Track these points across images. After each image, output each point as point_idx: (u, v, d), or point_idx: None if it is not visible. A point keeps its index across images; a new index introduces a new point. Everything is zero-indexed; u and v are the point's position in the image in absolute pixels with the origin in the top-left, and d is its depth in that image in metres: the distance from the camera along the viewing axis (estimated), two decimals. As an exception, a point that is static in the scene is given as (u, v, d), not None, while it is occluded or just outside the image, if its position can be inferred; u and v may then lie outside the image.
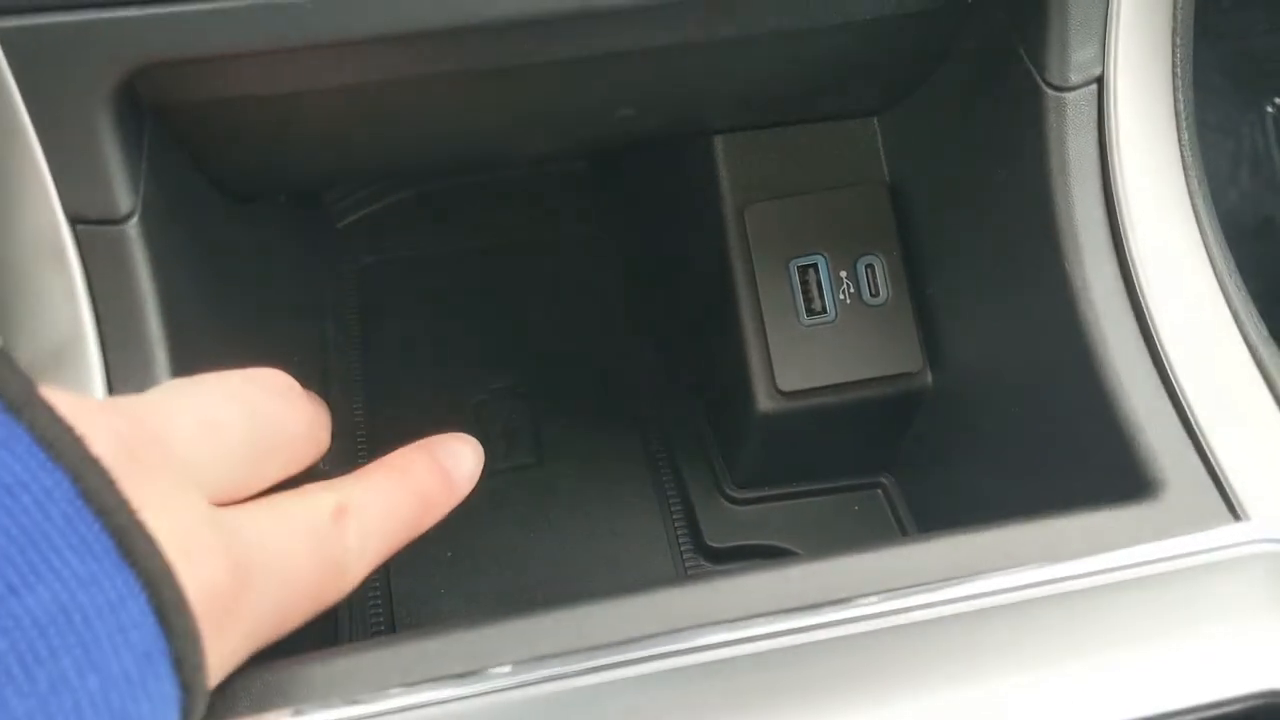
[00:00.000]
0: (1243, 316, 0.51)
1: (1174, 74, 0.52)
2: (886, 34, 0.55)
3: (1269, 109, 1.38)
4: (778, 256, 0.64)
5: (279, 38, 0.45)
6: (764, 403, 0.63)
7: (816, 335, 0.63)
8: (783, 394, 0.63)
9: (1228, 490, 0.47)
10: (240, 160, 0.55)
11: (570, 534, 0.69)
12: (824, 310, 0.64)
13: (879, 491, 0.70)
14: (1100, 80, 0.51)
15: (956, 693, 0.42)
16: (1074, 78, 0.51)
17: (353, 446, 0.72)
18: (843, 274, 0.64)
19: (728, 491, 0.70)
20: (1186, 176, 0.52)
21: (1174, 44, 0.52)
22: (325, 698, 0.38)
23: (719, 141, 0.65)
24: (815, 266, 0.64)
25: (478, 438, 0.48)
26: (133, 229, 0.46)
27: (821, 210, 0.64)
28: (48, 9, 0.43)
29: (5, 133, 0.45)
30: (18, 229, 0.46)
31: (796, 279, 0.64)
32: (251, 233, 0.63)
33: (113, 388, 0.45)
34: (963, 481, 0.64)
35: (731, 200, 0.65)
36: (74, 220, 0.45)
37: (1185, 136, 0.52)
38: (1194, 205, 0.52)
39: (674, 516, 0.70)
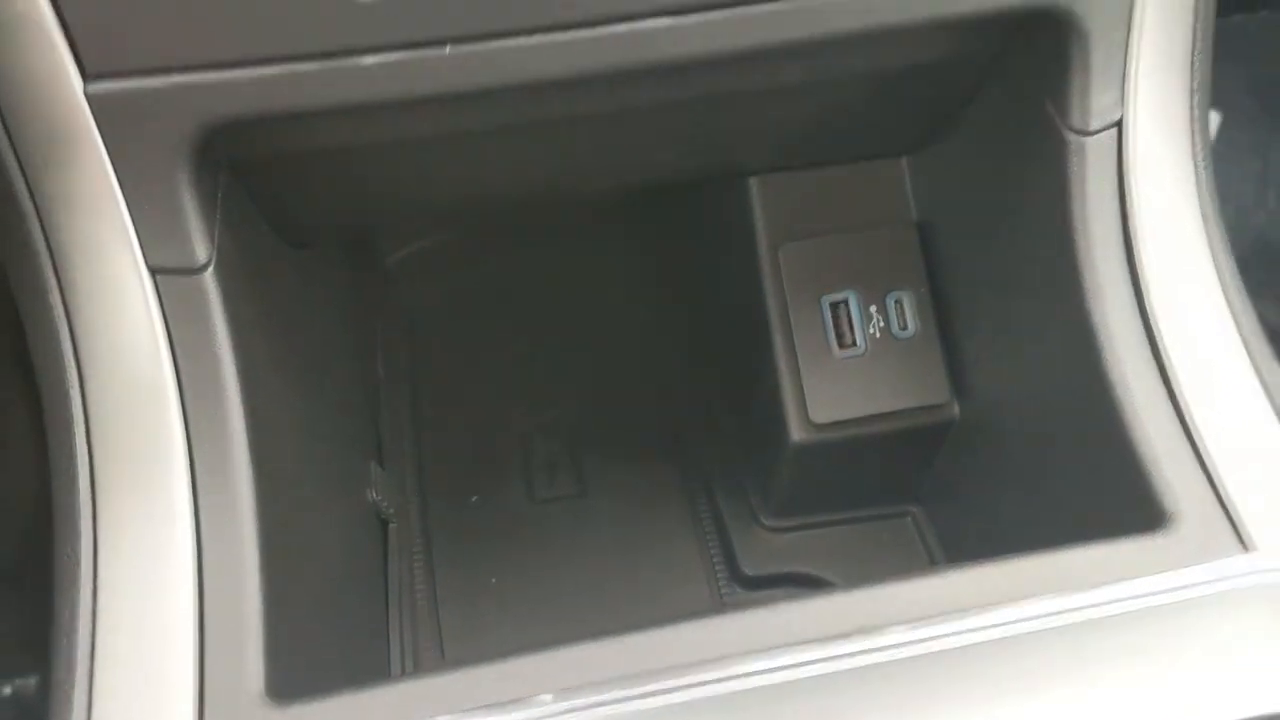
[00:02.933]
0: (1256, 355, 0.53)
1: (1191, 118, 0.55)
2: (914, 83, 0.57)
3: (1296, 131, 1.39)
4: (810, 293, 0.67)
5: (344, 96, 0.48)
6: (797, 434, 0.66)
7: (848, 368, 0.66)
8: (815, 425, 0.66)
9: (1237, 522, 0.49)
10: (304, 208, 0.59)
11: (611, 563, 0.72)
12: (855, 344, 0.66)
13: (909, 520, 0.72)
14: (1120, 124, 0.54)
15: (980, 717, 0.44)
16: (1095, 123, 0.53)
17: (402, 479, 0.75)
18: (873, 309, 0.66)
19: (763, 521, 0.72)
20: (1204, 217, 0.54)
21: (1192, 89, 0.55)
22: None
23: (754, 183, 0.68)
24: (846, 302, 0.67)
25: (522, 469, 0.51)
26: (208, 278, 0.50)
27: (852, 248, 0.67)
28: (131, 74, 0.47)
29: (91, 189, 0.48)
30: (103, 278, 0.49)
31: (829, 314, 0.66)
32: (308, 276, 0.66)
33: (189, 427, 0.48)
34: (988, 510, 0.66)
35: (766, 239, 0.67)
36: (154, 270, 0.49)
37: (1203, 178, 0.55)
38: (1210, 245, 0.54)
39: (710, 546, 0.72)
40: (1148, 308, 0.53)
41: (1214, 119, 1.36)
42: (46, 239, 0.50)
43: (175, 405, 0.48)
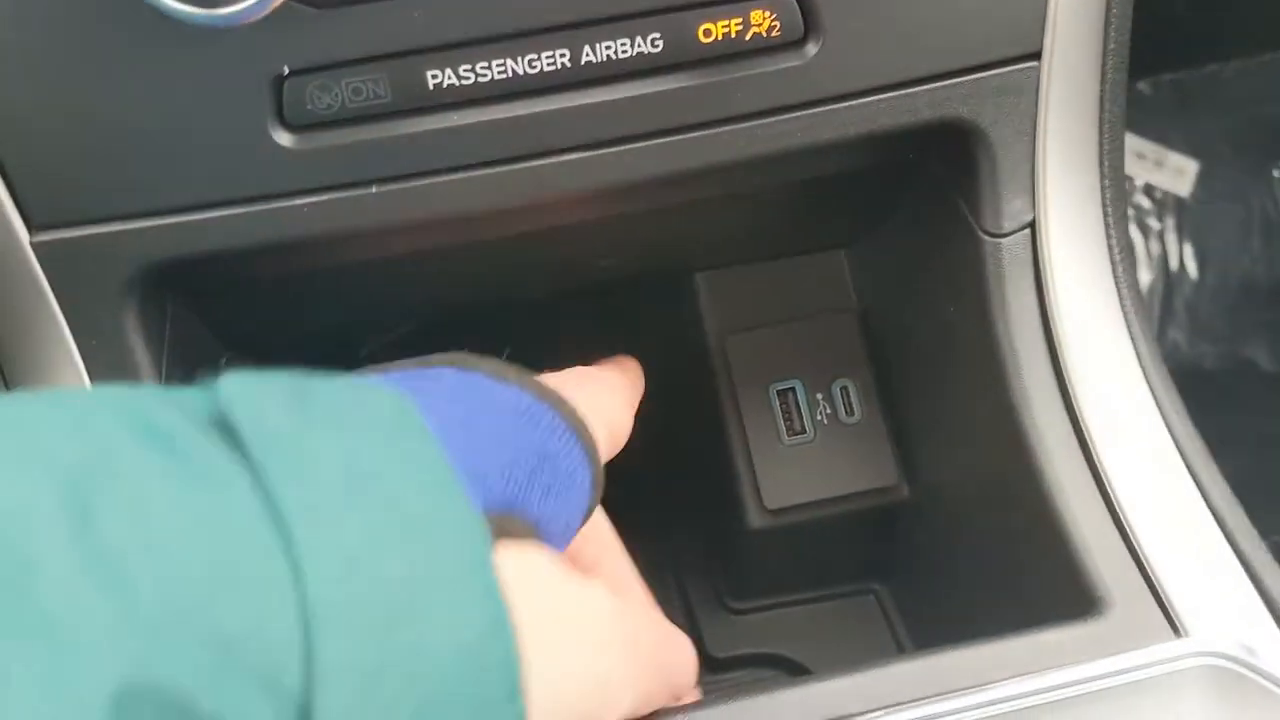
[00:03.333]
0: (1182, 440, 0.54)
1: (1104, 214, 0.57)
2: (838, 188, 0.60)
3: (1276, 173, 1.40)
4: (759, 382, 0.68)
5: (277, 236, 0.51)
6: (754, 520, 0.68)
7: (798, 454, 0.68)
8: (770, 511, 0.67)
9: (1169, 607, 0.50)
10: (255, 329, 0.61)
11: None
12: (804, 430, 0.68)
13: (872, 597, 0.73)
14: (1033, 225, 0.56)
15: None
16: (1007, 225, 0.55)
17: None
18: (819, 396, 0.68)
19: (728, 603, 0.74)
20: (1123, 310, 0.56)
21: (1103, 187, 0.56)
22: None
23: (700, 278, 0.70)
24: (794, 390, 0.68)
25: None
26: None
27: (797, 337, 0.68)
28: (72, 224, 0.49)
29: (43, 333, 0.51)
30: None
31: (777, 402, 0.68)
32: None
33: None
34: (941, 590, 0.67)
35: (714, 331, 0.69)
36: None
37: (1119, 272, 0.56)
38: (1131, 335, 0.56)
39: (679, 628, 0.73)
40: (1074, 404, 0.54)
41: (1192, 167, 1.38)
42: (5, 381, 0.52)
43: None
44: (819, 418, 0.68)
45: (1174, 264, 1.35)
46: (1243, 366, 1.35)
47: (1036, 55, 0.53)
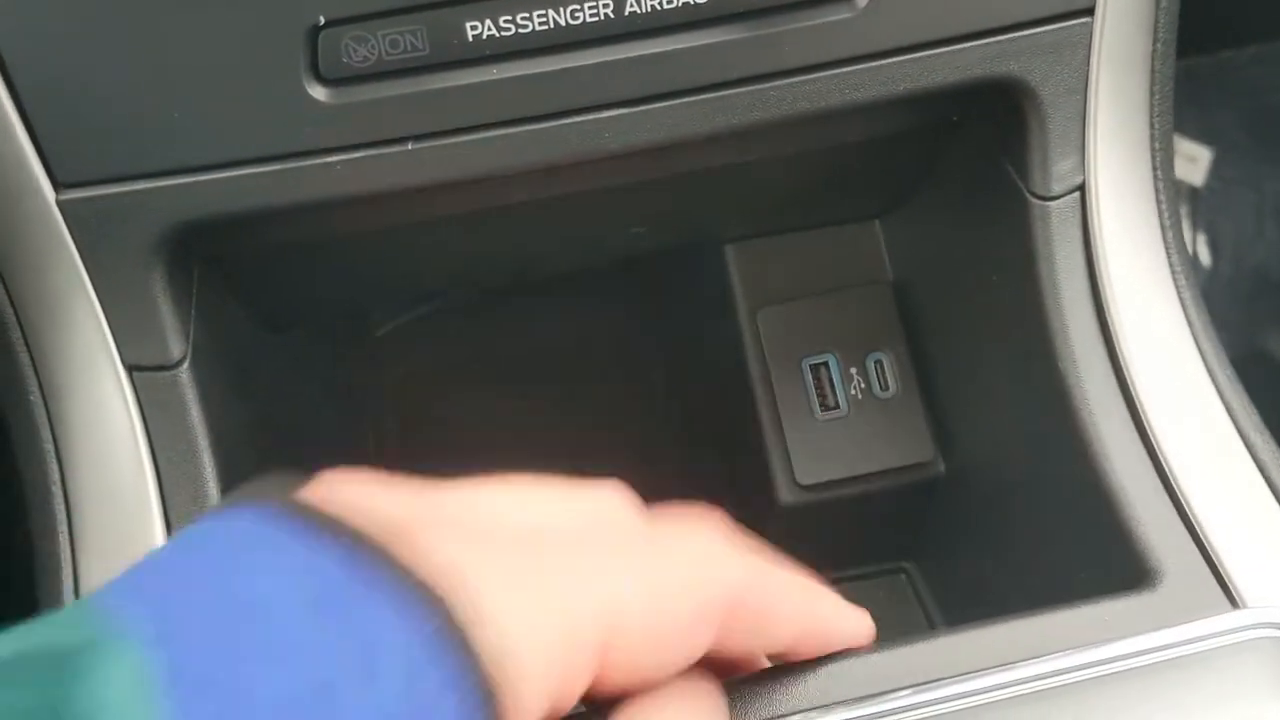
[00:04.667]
0: (1234, 406, 0.53)
1: (1154, 178, 0.55)
2: (879, 152, 0.58)
3: (1290, 162, 1.39)
4: (791, 356, 0.67)
5: (309, 195, 0.49)
6: (785, 496, 0.66)
7: (831, 429, 0.66)
8: (802, 487, 0.66)
9: (1225, 578, 0.49)
10: (279, 297, 0.59)
11: None
12: (837, 405, 0.66)
13: (902, 576, 0.72)
14: (1083, 188, 0.54)
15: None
16: (1056, 187, 0.54)
17: None
18: (853, 370, 0.67)
19: None
20: (1174, 274, 0.55)
21: (1153, 149, 0.55)
22: None
23: (730, 250, 0.68)
24: (826, 364, 0.67)
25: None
26: (184, 374, 0.50)
27: (830, 310, 0.67)
28: (100, 182, 0.48)
29: (67, 292, 0.49)
30: (82, 378, 0.50)
31: (809, 377, 0.67)
32: (291, 358, 0.67)
33: (170, 524, 0.49)
34: (978, 568, 0.66)
35: (745, 304, 0.68)
36: (131, 368, 0.50)
37: (1169, 237, 0.55)
38: (1181, 302, 0.54)
39: None
40: (1123, 366, 0.53)
41: (1205, 155, 1.37)
42: (26, 342, 0.51)
43: (156, 502, 0.49)
44: (853, 392, 0.66)
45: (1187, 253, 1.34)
46: (1257, 357, 1.33)
47: (1090, 11, 0.52)
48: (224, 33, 0.46)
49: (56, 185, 0.48)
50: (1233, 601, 0.48)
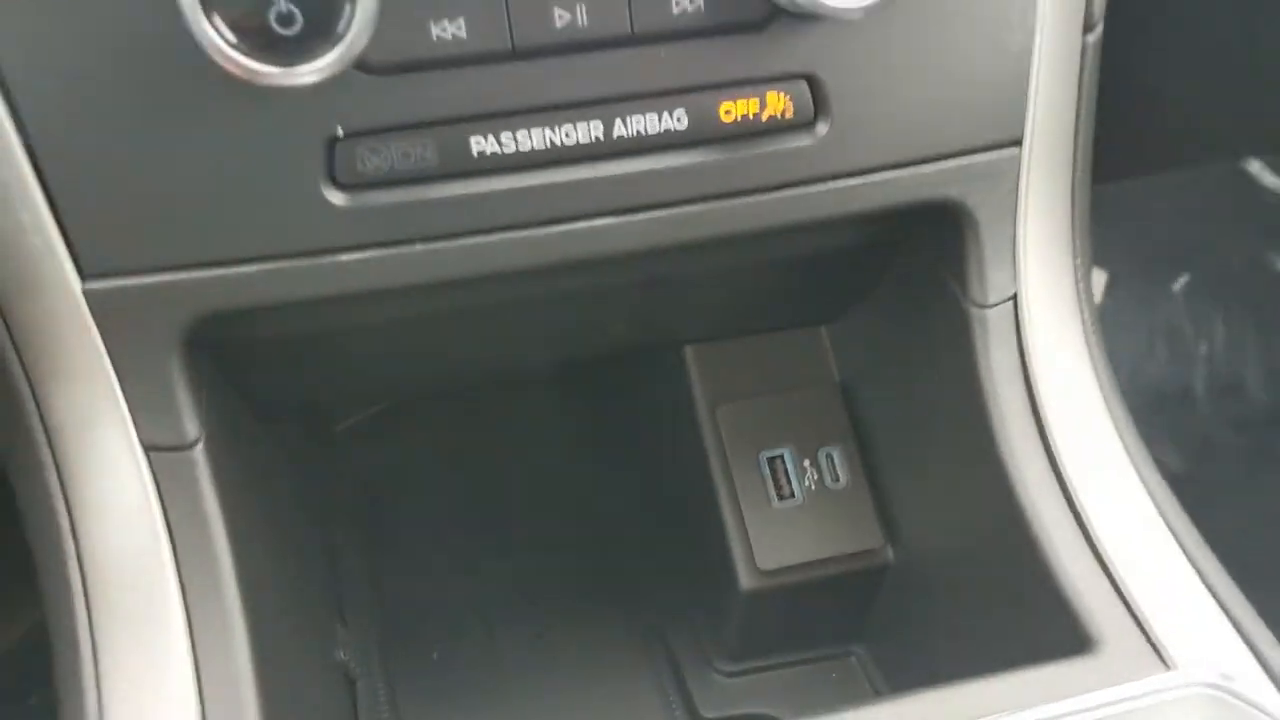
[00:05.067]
0: (1157, 493, 0.59)
1: (1076, 288, 0.62)
2: (827, 264, 0.64)
3: (1176, 287, 1.50)
4: (749, 449, 0.72)
5: (322, 290, 0.53)
6: (747, 581, 0.70)
7: (788, 518, 0.71)
8: (762, 572, 0.70)
9: (1157, 643, 0.54)
10: (274, 386, 0.63)
11: (575, 709, 0.74)
12: (793, 495, 0.71)
13: (853, 660, 0.76)
14: (1015, 298, 0.61)
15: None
16: (993, 297, 0.61)
17: (365, 637, 0.77)
18: (806, 462, 0.72)
19: (716, 665, 0.76)
20: (1096, 373, 0.61)
21: (1075, 263, 0.62)
22: None
23: (690, 351, 0.74)
24: (782, 457, 0.72)
25: (481, 621, 0.54)
26: (199, 453, 0.53)
27: (784, 407, 0.72)
28: (125, 274, 0.51)
29: (90, 375, 0.52)
30: (98, 455, 0.52)
31: (767, 468, 0.71)
32: (275, 445, 0.70)
33: (185, 588, 0.51)
34: (926, 647, 0.70)
35: (705, 400, 0.73)
36: (148, 448, 0.52)
37: (1092, 339, 0.62)
38: (1105, 399, 0.61)
39: (669, 691, 0.75)
40: (1055, 456, 0.59)
41: (1100, 279, 1.48)
42: (42, 420, 0.53)
43: (171, 570, 0.51)
44: (807, 483, 0.71)
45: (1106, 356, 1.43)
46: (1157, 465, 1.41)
47: (1018, 142, 0.59)
48: (250, 139, 0.50)
49: (83, 275, 0.51)
50: (1165, 663, 0.54)
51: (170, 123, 0.50)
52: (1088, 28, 0.60)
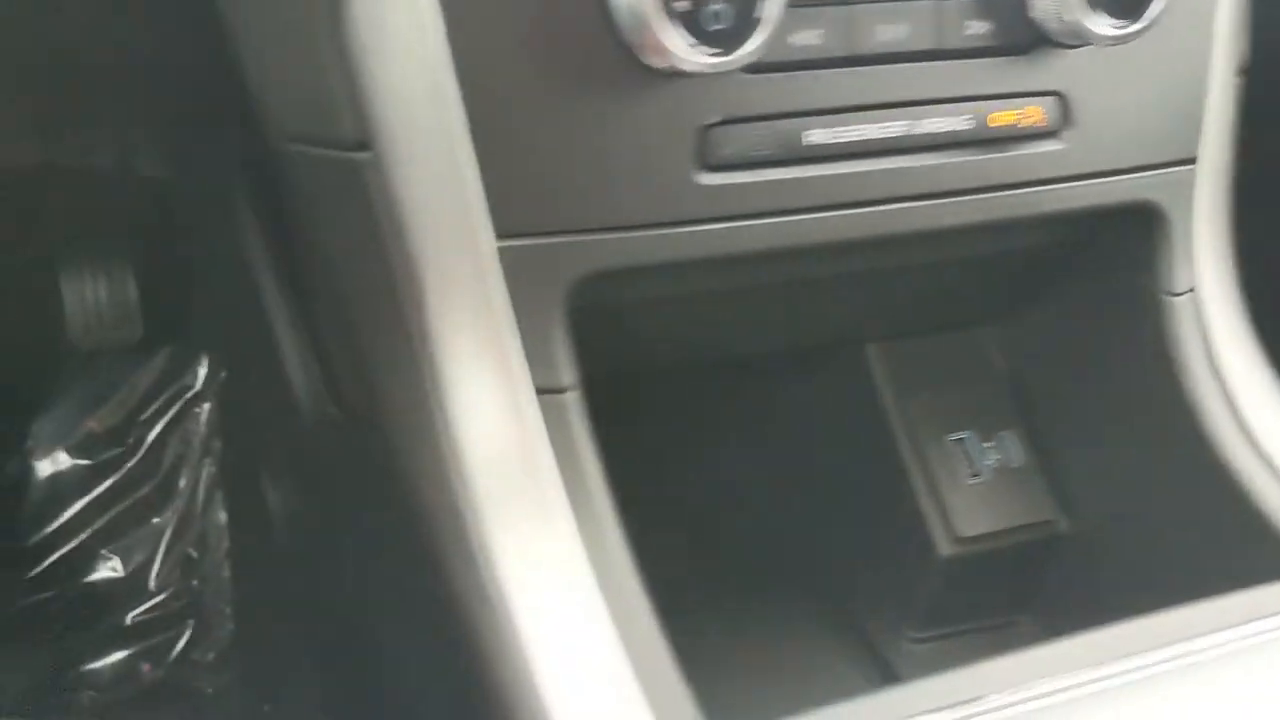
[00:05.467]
0: None
1: (1233, 282, 0.75)
2: (1008, 266, 0.76)
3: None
4: (937, 433, 0.82)
5: (680, 255, 0.61)
6: (946, 548, 0.79)
7: (977, 492, 0.81)
8: (960, 540, 0.79)
9: None
10: (610, 348, 0.69)
11: (764, 680, 0.80)
12: (979, 474, 0.81)
13: (1021, 629, 0.85)
14: (1194, 289, 0.73)
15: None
16: (1179, 286, 0.73)
17: None
18: (987, 445, 0.82)
19: (907, 633, 0.84)
20: (1259, 355, 0.74)
21: (1231, 263, 0.76)
22: None
23: (871, 349, 0.84)
24: (964, 440, 0.82)
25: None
26: (570, 397, 0.60)
27: (959, 398, 0.83)
28: (531, 234, 0.59)
29: (494, 325, 0.58)
30: (493, 394, 0.59)
31: (954, 449, 0.81)
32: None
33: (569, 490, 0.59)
34: (1093, 615, 0.79)
35: (890, 391, 0.83)
36: (539, 390, 0.59)
37: (1250, 328, 0.75)
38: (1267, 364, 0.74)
39: (862, 658, 0.83)
40: (1241, 417, 0.71)
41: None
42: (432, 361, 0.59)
43: (556, 476, 0.59)
44: (989, 462, 0.81)
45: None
46: None
47: (1194, 159, 0.72)
48: (638, 125, 0.59)
49: (497, 234, 0.58)
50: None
51: (578, 108, 0.58)
52: (1240, 70, 0.74)
